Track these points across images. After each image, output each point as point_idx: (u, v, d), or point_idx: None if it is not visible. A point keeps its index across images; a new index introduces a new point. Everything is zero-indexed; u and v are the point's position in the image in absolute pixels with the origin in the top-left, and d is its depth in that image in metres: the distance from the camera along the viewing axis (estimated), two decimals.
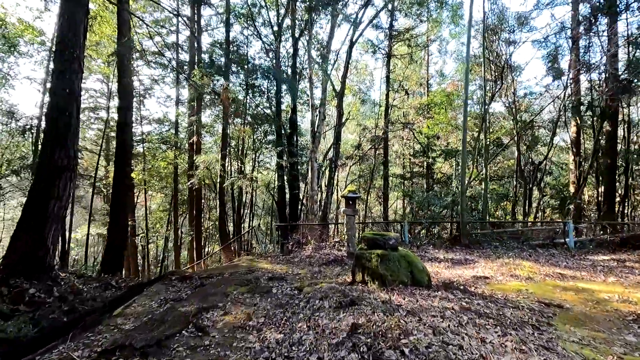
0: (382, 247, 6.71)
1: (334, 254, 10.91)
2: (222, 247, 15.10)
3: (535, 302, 5.88)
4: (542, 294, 6.38)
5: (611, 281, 7.16)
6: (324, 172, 18.51)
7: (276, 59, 17.42)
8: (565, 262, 8.78)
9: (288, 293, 6.91)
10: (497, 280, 7.35)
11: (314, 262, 10.31)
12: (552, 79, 17.65)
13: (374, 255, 6.56)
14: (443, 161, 18.81)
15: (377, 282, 6.34)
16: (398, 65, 24.12)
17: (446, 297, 5.45)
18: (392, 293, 5.62)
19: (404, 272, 6.48)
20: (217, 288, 7.57)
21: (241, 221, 21.74)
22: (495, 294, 6.21)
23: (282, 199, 16.12)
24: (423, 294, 5.64)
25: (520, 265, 8.20)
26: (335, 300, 5.25)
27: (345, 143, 26.19)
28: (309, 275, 8.85)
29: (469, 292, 6.14)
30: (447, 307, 4.82)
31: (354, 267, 6.95)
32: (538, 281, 7.20)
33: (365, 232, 7.50)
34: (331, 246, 11.85)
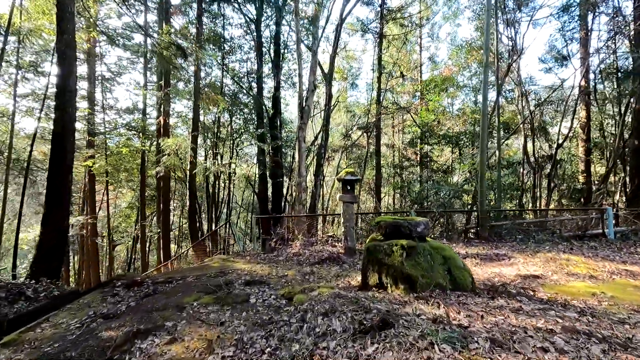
0: (408, 235, 4.74)
1: (328, 250, 8.90)
2: (192, 246, 12.83)
3: (633, 311, 4.06)
4: (628, 299, 4.59)
5: None
6: (312, 160, 16.50)
7: (257, 31, 15.26)
8: (617, 256, 7.12)
9: (272, 304, 4.85)
10: (552, 280, 5.53)
11: (303, 261, 8.26)
12: (560, 62, 16.25)
13: (396, 248, 4.58)
14: (441, 150, 17.21)
15: (402, 287, 4.37)
16: (389, 50, 22.39)
17: (519, 309, 3.53)
18: (433, 303, 3.65)
19: (441, 272, 4.53)
20: (172, 297, 5.43)
21: (217, 218, 19.40)
22: (570, 301, 4.35)
23: (263, 189, 13.99)
24: (481, 304, 3.70)
25: (570, 260, 6.44)
26: (350, 319, 3.23)
27: (332, 136, 24.25)
28: (299, 278, 6.79)
29: (536, 299, 4.26)
30: (540, 327, 2.90)
31: (366, 265, 4.95)
32: (607, 281, 5.43)
33: (378, 218, 5.51)
34: (323, 241, 9.83)
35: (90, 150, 18.89)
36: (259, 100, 13.87)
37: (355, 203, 8.81)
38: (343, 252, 8.50)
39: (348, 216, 8.58)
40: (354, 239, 8.64)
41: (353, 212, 8.76)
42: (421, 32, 22.33)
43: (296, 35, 11.08)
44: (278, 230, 10.74)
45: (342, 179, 8.49)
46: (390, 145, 22.17)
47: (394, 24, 20.51)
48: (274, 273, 7.25)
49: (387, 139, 24.28)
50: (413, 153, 19.41)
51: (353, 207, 8.75)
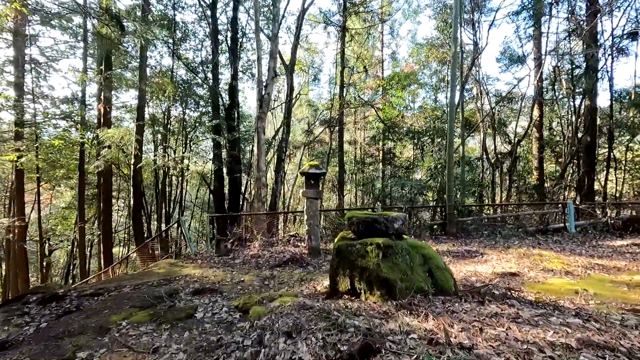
0: (384, 232, 4.11)
1: (290, 251, 8.13)
2: (136, 249, 11.42)
3: (624, 310, 3.75)
4: (611, 296, 4.32)
5: None
6: (273, 157, 15.60)
7: (212, 17, 14.06)
8: (583, 249, 7.07)
9: (223, 319, 4.02)
10: (530, 277, 5.21)
11: (262, 264, 7.43)
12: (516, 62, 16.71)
13: (371, 248, 3.93)
14: (403, 147, 17.08)
15: (378, 293, 3.73)
16: (352, 45, 22.01)
17: (516, 317, 3.03)
18: (419, 313, 3.03)
19: (421, 274, 3.95)
20: (97, 315, 4.39)
21: (169, 218, 17.81)
22: (558, 302, 3.98)
23: (219, 185, 12.88)
24: (472, 312, 3.15)
25: (543, 256, 6.22)
26: (322, 342, 2.51)
27: (293, 132, 23.41)
28: (258, 284, 5.97)
29: (526, 301, 3.81)
30: (553, 341, 2.38)
31: (335, 269, 4.25)
32: (583, 277, 5.21)
33: (349, 213, 4.85)
34: (285, 241, 9.03)
35: (18, 143, 16.52)
36: (214, 89, 12.72)
37: (320, 199, 8.12)
38: (307, 253, 7.77)
39: (312, 213, 7.87)
40: (318, 238, 7.95)
41: (317, 208, 8.07)
42: (383, 28, 22.20)
43: (255, 16, 10.13)
44: (235, 230, 9.77)
45: (305, 172, 7.75)
46: (353, 142, 21.82)
47: (357, 18, 20.13)
48: (228, 279, 6.35)
49: (349, 136, 23.92)
50: (376, 150, 19.16)
51: (317, 203, 8.06)
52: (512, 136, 15.31)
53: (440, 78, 22.30)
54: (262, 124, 9.93)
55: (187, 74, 17.72)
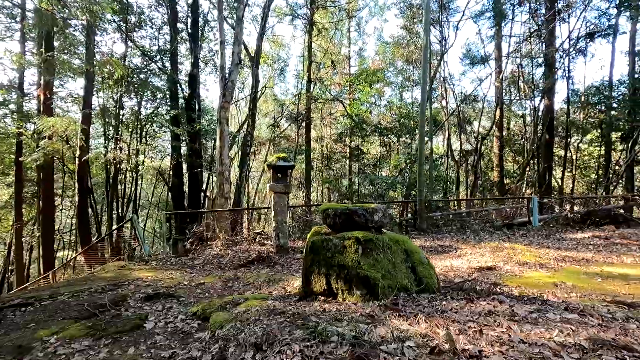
0: (363, 226, 3.72)
1: (256, 250, 7.56)
2: (82, 251, 10.26)
3: (609, 302, 3.64)
4: (589, 288, 4.25)
5: (630, 262, 5.53)
6: (237, 154, 14.84)
7: (171, 0, 13.06)
8: (550, 242, 7.18)
9: (178, 328, 3.45)
10: (507, 271, 5.09)
11: (226, 264, 6.81)
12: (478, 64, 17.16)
13: (349, 243, 3.53)
14: (370, 143, 16.98)
15: (359, 293, 3.33)
16: (319, 41, 21.64)
17: (512, 314, 2.76)
18: (408, 315, 2.67)
19: (404, 270, 3.61)
20: (21, 331, 3.65)
21: (122, 218, 16.40)
22: (544, 295, 3.83)
23: (178, 181, 11.96)
24: (464, 312, 2.84)
25: (515, 249, 6.19)
26: (300, 354, 2.05)
27: (258, 129, 22.61)
28: (220, 286, 5.39)
29: (513, 296, 3.59)
30: (562, 342, 2.11)
31: (309, 267, 3.80)
32: (558, 269, 5.18)
33: (324, 205, 4.43)
34: (250, 240, 8.44)
35: None
36: (173, 78, 11.78)
37: (289, 193, 7.64)
38: (274, 252, 7.25)
39: (280, 209, 7.36)
40: (286, 235, 7.45)
41: (286, 204, 7.57)
42: (350, 24, 22.05)
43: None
44: (195, 228, 9.01)
45: (272, 165, 7.22)
46: (320, 139, 21.46)
47: (324, 12, 19.80)
48: (186, 282, 5.69)
49: (315, 133, 23.54)
50: (343, 146, 18.96)
51: (286, 198, 7.56)
52: (476, 134, 15.72)
53: (406, 77, 22.56)
54: (226, 114, 9.25)
55: (143, 62, 16.40)
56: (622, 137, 12.33)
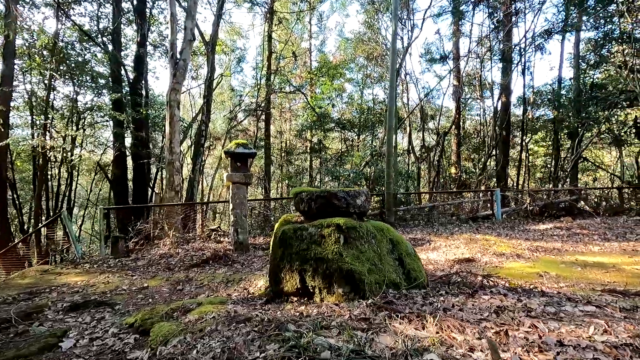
0: (344, 211, 3.15)
1: (212, 248, 6.72)
2: None
3: (602, 292, 3.43)
4: (573, 277, 4.06)
5: (597, 251, 5.53)
6: (191, 145, 13.65)
7: None
8: (517, 234, 7.16)
9: (107, 347, 2.67)
10: (486, 262, 4.84)
11: (175, 265, 5.91)
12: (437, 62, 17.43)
13: (329, 231, 2.93)
14: (332, 139, 16.57)
15: (341, 290, 2.76)
16: (279, 32, 20.85)
17: (527, 309, 2.36)
18: (409, 317, 2.13)
19: (391, 263, 3.09)
20: None
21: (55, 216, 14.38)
22: (537, 286, 3.52)
23: (121, 174, 10.61)
24: (471, 309, 2.38)
25: (488, 241, 6.01)
26: None
27: (214, 122, 21.29)
28: (168, 290, 4.55)
29: (509, 288, 3.22)
30: (609, 342, 1.66)
31: (277, 263, 3.15)
32: (535, 259, 5.02)
33: (297, 189, 3.79)
34: (205, 237, 7.55)
35: None
36: (115, 57, 10.40)
37: (249, 184, 6.88)
38: (232, 249, 6.47)
39: (239, 201, 6.59)
40: (246, 230, 6.69)
41: (246, 196, 6.81)
42: (311, 17, 21.52)
43: None
44: (140, 225, 7.91)
45: (231, 152, 6.44)
46: (280, 133, 20.68)
47: (285, 1, 19.10)
48: (125, 286, 4.77)
49: (274, 129, 22.69)
50: (304, 141, 18.37)
51: (246, 189, 6.80)
52: (436, 131, 15.93)
53: (366, 74, 22.49)
54: (177, 96, 8.24)
55: (82, 46, 14.47)
56: (568, 135, 13.06)
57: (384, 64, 22.07)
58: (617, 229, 7.23)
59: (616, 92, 12.02)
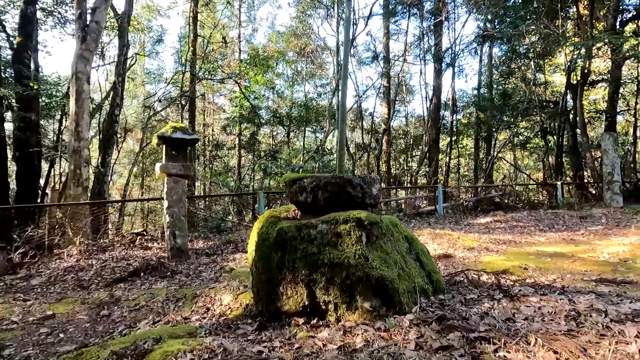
0: (359, 203, 2.49)
1: (139, 256, 5.41)
2: None
3: (595, 282, 3.41)
4: (551, 268, 4.08)
5: (545, 241, 5.87)
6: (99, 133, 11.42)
7: None
8: (466, 228, 7.33)
9: None
10: (465, 257, 4.74)
11: (91, 281, 4.52)
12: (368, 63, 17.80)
13: (346, 228, 2.25)
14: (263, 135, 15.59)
15: (367, 305, 2.11)
16: (204, 13, 18.99)
17: (600, 313, 1.96)
18: (489, 339, 1.58)
19: (414, 265, 2.54)
20: None
21: None
22: (541, 283, 3.34)
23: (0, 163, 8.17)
24: (537, 319, 1.93)
25: (452, 236, 5.96)
26: None
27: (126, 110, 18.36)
28: (87, 317, 3.34)
29: (532, 285, 2.93)
30: None
31: (271, 274, 2.34)
32: (505, 252, 5.04)
33: (288, 175, 2.96)
34: (127, 243, 6.09)
35: None
36: None
37: (190, 177, 5.71)
38: (168, 256, 5.25)
39: (177, 197, 5.40)
40: (185, 233, 5.53)
41: (185, 191, 5.63)
42: (241, 4, 20.13)
43: None
44: (31, 231, 6.04)
45: (167, 137, 5.23)
46: (205, 126, 18.85)
47: None
48: (17, 315, 3.38)
49: (200, 121, 20.67)
50: (236, 135, 16.99)
51: (184, 183, 5.63)
52: (370, 130, 16.20)
53: (298, 70, 21.98)
54: (87, 68, 6.53)
55: None
56: (485, 138, 14.43)
57: (316, 60, 21.90)
58: (545, 221, 7.93)
59: (523, 100, 13.61)
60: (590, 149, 12.71)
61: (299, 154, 14.56)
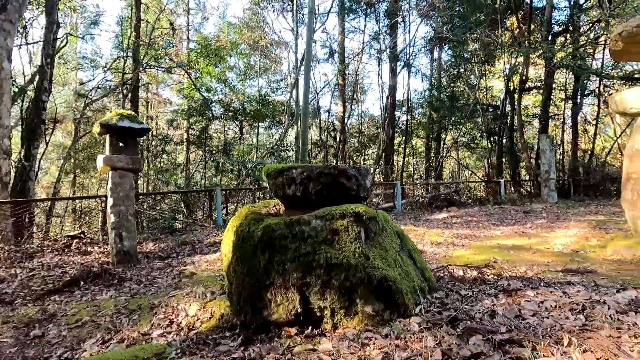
0: (353, 196, 2.26)
1: (76, 262, 4.69)
2: None
3: (562, 272, 3.57)
4: (517, 260, 4.23)
5: (501, 234, 6.16)
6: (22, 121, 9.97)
7: None
8: (427, 224, 7.45)
9: None
10: (435, 252, 4.76)
11: (15, 294, 3.79)
12: None
13: (343, 223, 2.01)
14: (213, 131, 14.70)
15: (369, 308, 1.89)
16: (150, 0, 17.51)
17: (594, 304, 1.95)
18: (514, 341, 1.45)
19: (409, 262, 2.37)
20: None
21: None
22: (512, 275, 3.40)
23: None
24: (546, 314, 1.87)
25: (417, 231, 6.01)
26: None
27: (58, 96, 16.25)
28: (12, 340, 2.73)
29: (514, 278, 2.93)
30: None
31: (255, 279, 2.02)
32: (468, 246, 5.18)
33: (273, 166, 2.61)
34: (61, 248, 5.26)
35: None
36: None
37: (139, 171, 5.07)
38: (114, 262, 4.60)
39: (123, 194, 4.76)
40: (134, 235, 4.89)
41: (133, 187, 4.99)
42: None
43: None
44: None
45: (111, 125, 4.58)
46: (150, 118, 17.37)
47: None
48: None
49: (142, 116, 19.01)
50: (183, 129, 15.86)
51: (132, 178, 4.98)
52: (327, 127, 16.14)
53: (251, 64, 21.22)
54: (8, 42, 5.52)
55: None
56: (435, 138, 15.10)
57: (271, 55, 21.31)
58: (495, 216, 8.40)
59: (469, 104, 14.44)
60: (527, 149, 13.85)
61: (252, 150, 14.01)
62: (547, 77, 13.23)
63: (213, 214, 7.29)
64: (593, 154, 14.81)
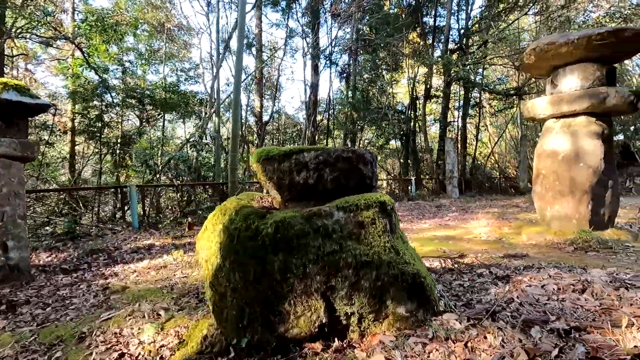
0: (367, 184, 1.99)
1: None
2: None
3: (507, 257, 3.96)
4: (463, 249, 4.55)
5: (428, 227, 6.63)
6: None
7: None
8: None
9: None
10: None
11: None
12: None
13: (369, 215, 1.77)
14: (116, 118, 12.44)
15: (402, 309, 1.71)
16: None
17: (586, 284, 2.13)
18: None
19: (414, 254, 2.22)
20: None
21: None
22: (481, 263, 3.61)
23: None
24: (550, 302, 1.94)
25: None
26: None
27: None
28: None
29: (487, 266, 3.06)
30: None
31: (267, 285, 1.62)
32: (410, 239, 5.32)
33: (265, 149, 2.16)
34: None
35: None
36: None
37: (31, 159, 3.86)
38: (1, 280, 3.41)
39: (8, 190, 3.60)
40: (26, 243, 3.71)
41: (23, 181, 3.80)
42: None
43: None
44: None
45: None
46: None
47: None
48: None
49: None
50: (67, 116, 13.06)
51: (22, 169, 3.79)
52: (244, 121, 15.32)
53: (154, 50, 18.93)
54: None
55: None
56: (351, 138, 15.76)
57: (179, 40, 19.34)
58: (414, 210, 9.06)
59: (381, 107, 15.46)
60: (429, 151, 15.47)
61: (159, 144, 12.43)
62: (445, 87, 14.99)
63: (126, 215, 6.09)
64: (475, 157, 17.48)
